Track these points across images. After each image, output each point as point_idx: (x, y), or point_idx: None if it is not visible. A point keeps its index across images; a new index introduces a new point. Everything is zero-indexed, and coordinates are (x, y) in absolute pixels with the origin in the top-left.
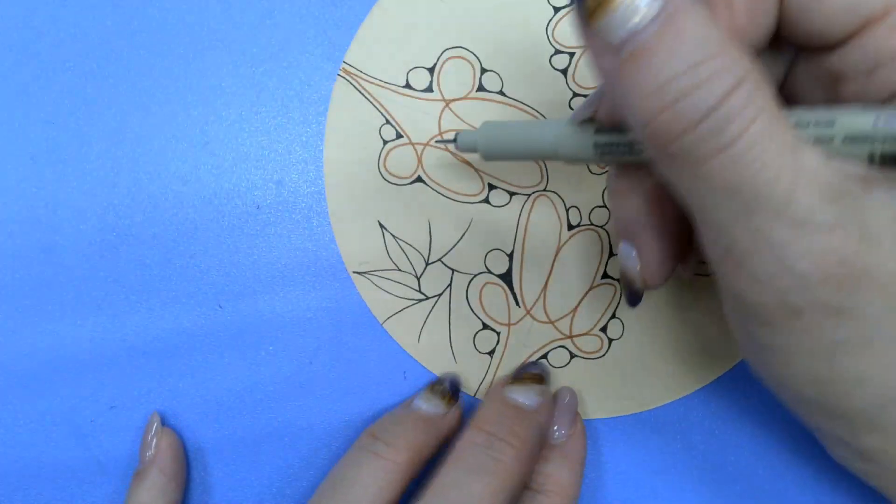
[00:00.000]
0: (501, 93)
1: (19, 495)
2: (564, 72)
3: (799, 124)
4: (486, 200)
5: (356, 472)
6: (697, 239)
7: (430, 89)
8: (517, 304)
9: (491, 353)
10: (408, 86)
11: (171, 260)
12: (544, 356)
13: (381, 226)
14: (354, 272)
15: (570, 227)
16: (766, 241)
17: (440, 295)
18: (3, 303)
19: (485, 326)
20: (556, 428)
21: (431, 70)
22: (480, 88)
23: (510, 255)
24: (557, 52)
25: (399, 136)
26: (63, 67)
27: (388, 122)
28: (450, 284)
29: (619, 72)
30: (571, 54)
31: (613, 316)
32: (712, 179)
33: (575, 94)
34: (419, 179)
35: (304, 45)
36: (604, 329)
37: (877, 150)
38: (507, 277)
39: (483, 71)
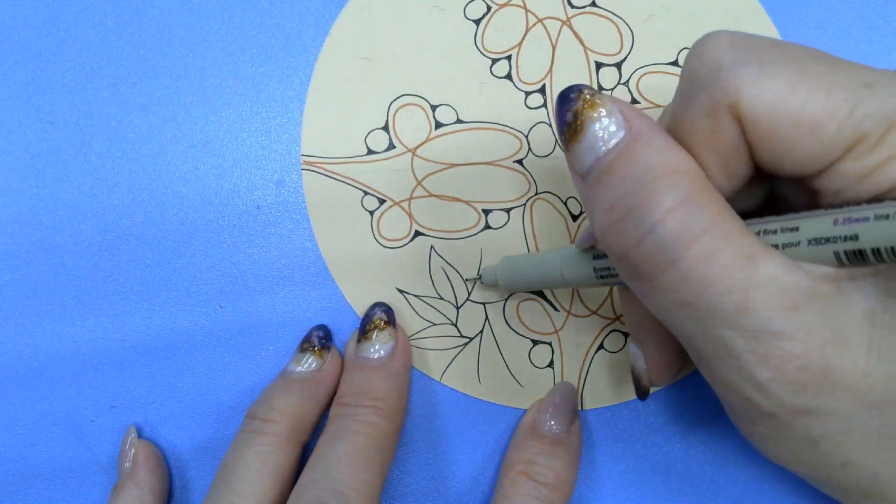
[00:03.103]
0: (459, 121)
1: (19, 495)
2: (509, 76)
3: (766, 231)
4: (488, 226)
5: (238, 456)
6: None
7: (391, 146)
8: (556, 309)
9: (550, 364)
10: (370, 152)
11: (171, 260)
12: (601, 346)
13: (402, 292)
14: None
15: (575, 218)
16: (726, 350)
17: (482, 332)
18: (3, 303)
19: (535, 343)
20: (554, 424)
21: (386, 128)
22: (438, 125)
23: None
24: (494, 60)
25: (382, 201)
26: (63, 67)
27: (366, 193)
28: (486, 317)
29: (586, 194)
30: (508, 57)
31: None
32: (666, 294)
33: (527, 94)
34: (417, 234)
35: (305, 45)
36: None
37: (839, 249)
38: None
39: (433, 108)
